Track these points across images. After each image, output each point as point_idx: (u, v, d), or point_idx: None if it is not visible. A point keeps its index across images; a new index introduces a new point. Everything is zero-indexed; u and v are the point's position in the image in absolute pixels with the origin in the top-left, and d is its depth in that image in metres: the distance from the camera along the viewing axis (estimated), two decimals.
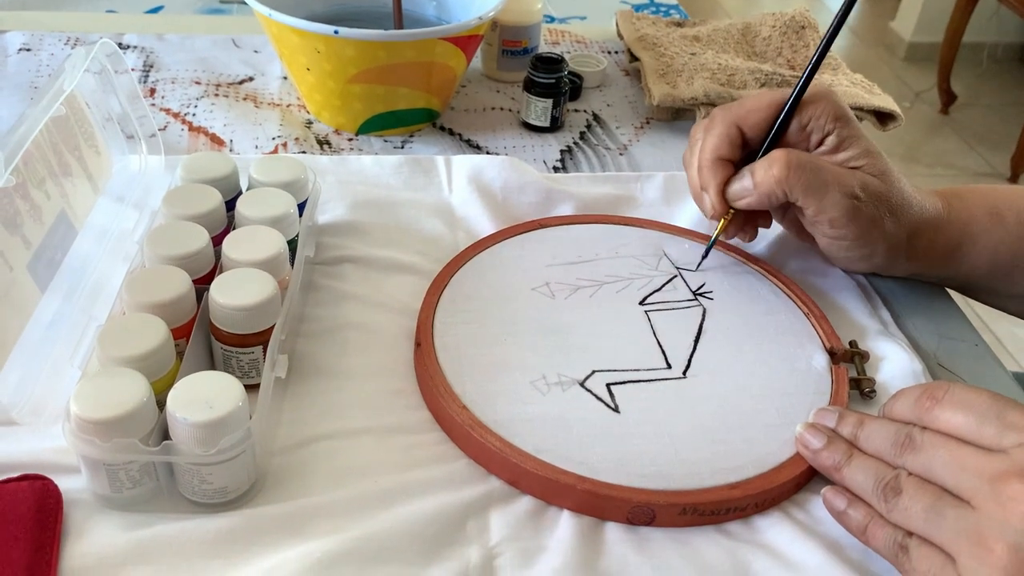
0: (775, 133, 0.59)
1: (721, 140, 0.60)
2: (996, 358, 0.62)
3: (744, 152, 0.61)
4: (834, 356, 0.57)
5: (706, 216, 0.62)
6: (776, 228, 0.69)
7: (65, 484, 0.46)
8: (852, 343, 0.59)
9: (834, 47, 0.91)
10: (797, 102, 0.59)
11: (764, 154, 0.59)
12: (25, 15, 0.93)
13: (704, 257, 0.64)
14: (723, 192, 0.60)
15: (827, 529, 0.48)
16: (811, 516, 0.49)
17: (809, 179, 0.57)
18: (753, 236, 0.64)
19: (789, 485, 0.50)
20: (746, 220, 0.63)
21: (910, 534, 0.43)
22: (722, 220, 0.61)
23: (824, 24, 0.95)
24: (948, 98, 2.97)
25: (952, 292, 0.68)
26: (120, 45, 0.88)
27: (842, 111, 0.59)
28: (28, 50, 0.86)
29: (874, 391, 0.56)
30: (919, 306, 0.65)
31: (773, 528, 0.48)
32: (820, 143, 0.60)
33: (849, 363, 0.58)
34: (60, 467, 0.47)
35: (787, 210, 0.64)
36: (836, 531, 0.48)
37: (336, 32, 0.68)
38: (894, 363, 0.58)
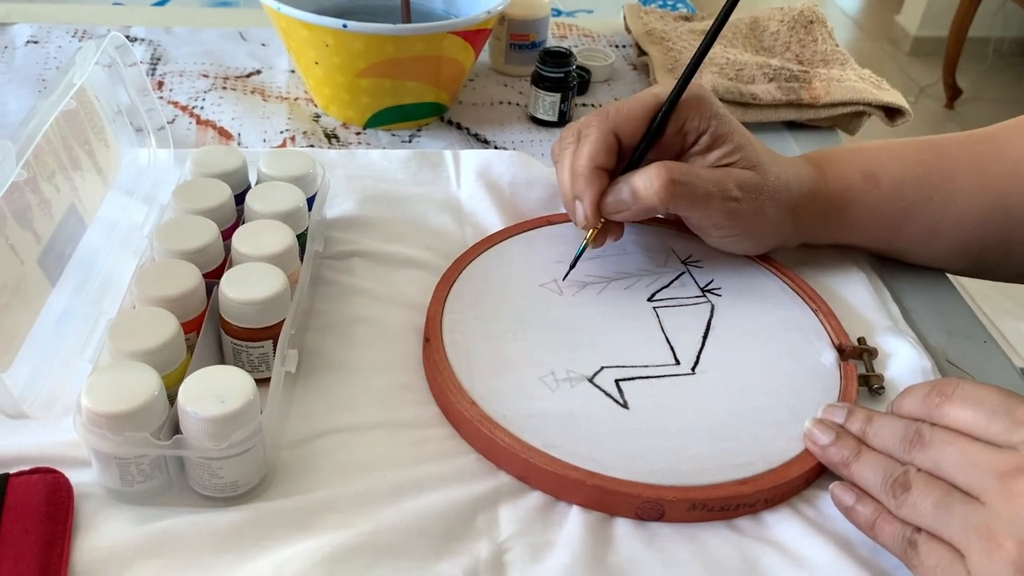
0: (650, 140, 0.58)
1: (598, 148, 0.57)
2: (1004, 355, 0.62)
3: (620, 160, 0.59)
4: (843, 352, 0.57)
5: (576, 225, 0.59)
6: None
7: (76, 478, 0.47)
8: (860, 339, 0.59)
9: (839, 41, 0.91)
10: (672, 108, 0.57)
11: (637, 158, 0.58)
12: (33, 7, 0.93)
13: (571, 268, 0.61)
14: (598, 204, 0.58)
15: (836, 525, 0.48)
16: (820, 512, 0.49)
17: (689, 191, 0.56)
18: (620, 235, 0.62)
19: (798, 481, 0.50)
20: (613, 225, 0.61)
21: (919, 530, 0.43)
22: (592, 230, 0.59)
23: (831, 20, 0.95)
24: (953, 93, 2.96)
25: (959, 288, 0.68)
26: (127, 38, 0.88)
27: (714, 109, 0.59)
28: (36, 42, 0.86)
29: (883, 388, 0.56)
30: (927, 302, 0.65)
31: (782, 524, 0.48)
32: (694, 143, 0.59)
33: (858, 360, 0.58)
34: (71, 460, 0.47)
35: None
36: (845, 527, 0.48)
37: (345, 26, 0.68)
38: (903, 360, 0.58)
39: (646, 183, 0.56)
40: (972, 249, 0.65)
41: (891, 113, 0.82)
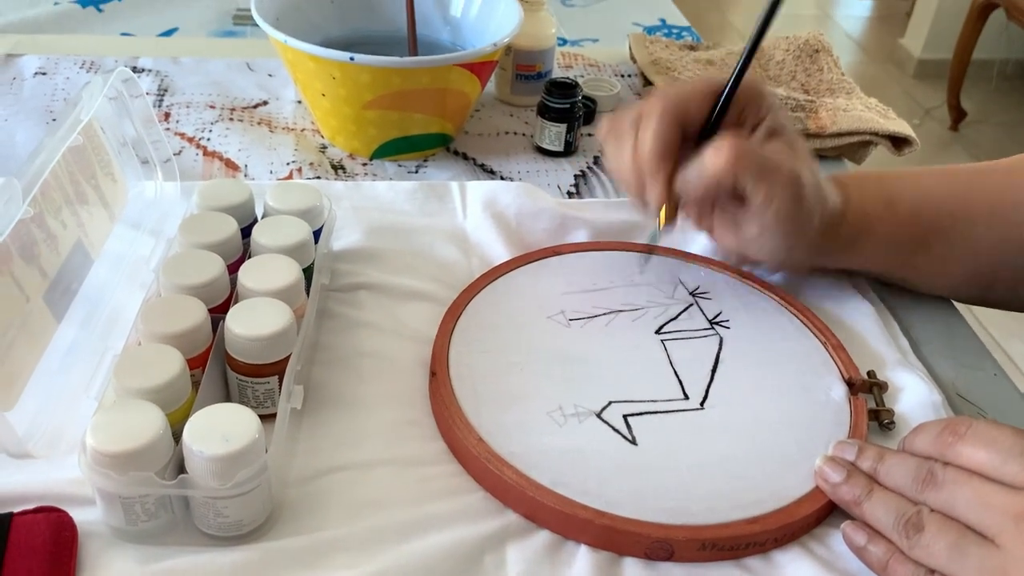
0: (715, 120, 0.59)
1: (665, 130, 0.57)
2: (1015, 387, 0.61)
3: (684, 144, 0.59)
4: (852, 387, 0.57)
5: (644, 208, 0.60)
6: None
7: (81, 516, 0.46)
8: (870, 373, 0.58)
9: (844, 65, 0.91)
10: (736, 87, 0.58)
11: (707, 135, 0.59)
12: (41, 39, 0.94)
13: (650, 253, 0.63)
14: (671, 180, 0.58)
15: (847, 565, 0.48)
16: (831, 551, 0.49)
17: (759, 164, 0.56)
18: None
19: (809, 519, 0.49)
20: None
21: (932, 571, 0.43)
22: (663, 210, 0.60)
23: (835, 44, 0.95)
24: (958, 115, 2.97)
25: (970, 317, 0.68)
26: (134, 69, 0.89)
27: (771, 101, 0.59)
28: (44, 74, 0.87)
29: (893, 423, 0.55)
30: (937, 334, 0.65)
31: (793, 563, 0.48)
32: (751, 132, 0.59)
33: (868, 394, 0.57)
34: (76, 499, 0.47)
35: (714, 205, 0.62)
36: (856, 567, 0.47)
37: (352, 59, 0.69)
38: (913, 394, 0.57)
39: (714, 154, 0.56)
40: (983, 280, 0.65)
41: (898, 143, 0.82)
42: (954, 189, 0.64)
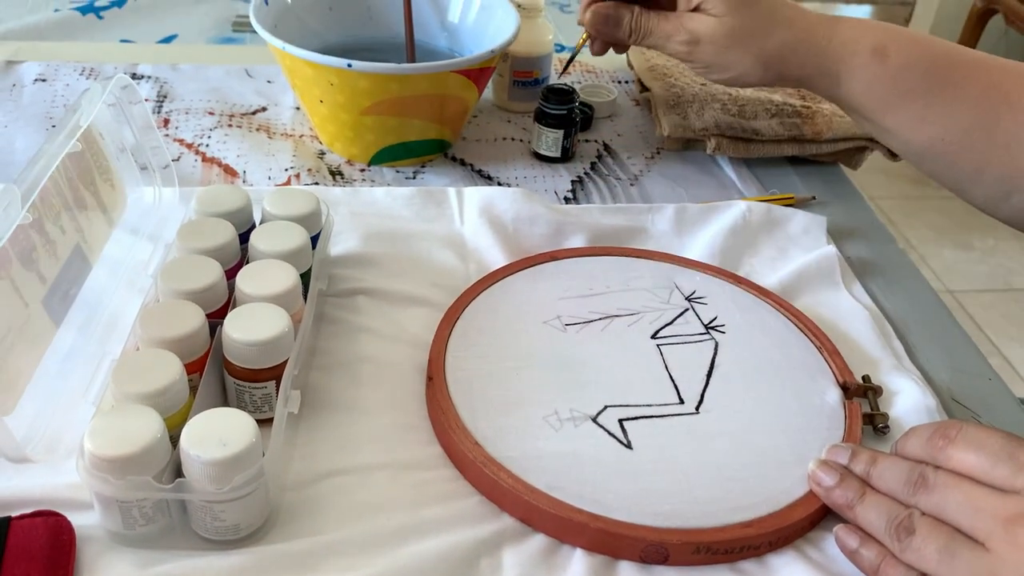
0: None
1: None
2: (1010, 392, 0.61)
3: None
4: (847, 391, 0.57)
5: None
6: (788, 259, 0.69)
7: (79, 520, 0.47)
8: (865, 377, 0.59)
9: None
10: None
11: None
12: (41, 46, 0.94)
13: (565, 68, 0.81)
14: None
15: (841, 568, 0.48)
16: (825, 555, 0.49)
17: (613, 25, 0.70)
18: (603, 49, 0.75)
19: (803, 523, 0.49)
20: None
21: (923, 575, 0.43)
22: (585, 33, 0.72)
23: None
24: None
25: (968, 320, 0.68)
26: (134, 75, 0.89)
27: None
28: (44, 80, 0.87)
29: (887, 427, 0.56)
30: (932, 338, 0.65)
31: (787, 567, 0.48)
32: None
33: (862, 398, 0.58)
34: (74, 503, 0.47)
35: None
36: (850, 570, 0.47)
37: (349, 65, 0.69)
38: (907, 398, 0.57)
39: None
40: (950, 150, 0.64)
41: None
42: (954, 63, 0.63)
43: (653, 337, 0.60)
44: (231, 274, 0.57)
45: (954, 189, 0.66)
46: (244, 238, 0.60)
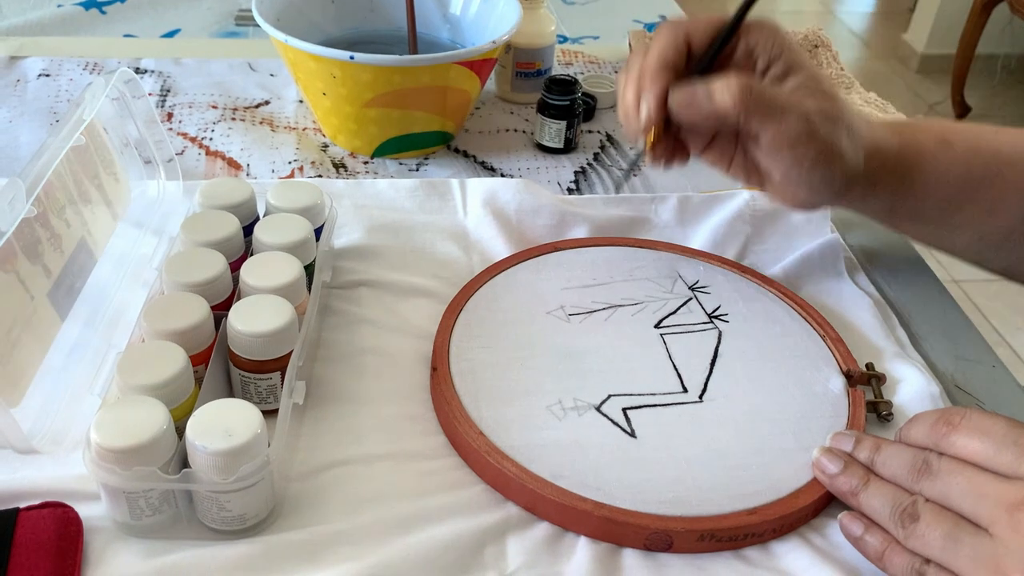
0: (720, 45, 0.57)
1: (668, 45, 0.56)
2: (1014, 379, 0.61)
3: (687, 67, 0.57)
4: (851, 379, 0.57)
5: (633, 127, 0.57)
6: (791, 248, 0.69)
7: (86, 511, 0.47)
8: (869, 365, 0.59)
9: (847, 60, 0.92)
10: (744, 14, 0.56)
11: (708, 62, 0.57)
12: (45, 41, 0.94)
13: (627, 176, 0.67)
14: (664, 99, 0.55)
15: (845, 554, 0.48)
16: (829, 541, 0.49)
17: (767, 100, 0.54)
18: (685, 160, 0.61)
19: (807, 510, 0.49)
20: (674, 146, 0.60)
21: (928, 561, 0.43)
22: (650, 134, 0.57)
23: (832, 39, 0.95)
24: (962, 110, 2.96)
25: (974, 308, 0.67)
26: (137, 70, 0.89)
27: (787, 40, 0.57)
28: (47, 76, 0.87)
29: (891, 414, 0.56)
30: (936, 326, 0.65)
31: (791, 554, 0.48)
32: (766, 70, 0.57)
33: (866, 386, 0.58)
34: (81, 494, 0.48)
35: (724, 142, 0.60)
36: (854, 556, 0.48)
37: (352, 58, 0.69)
38: (911, 385, 0.57)
39: (723, 85, 0.54)
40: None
41: None
42: (1013, 136, 0.62)
43: (656, 326, 0.60)
44: (235, 267, 0.57)
45: None
46: (248, 231, 0.61)
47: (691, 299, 0.63)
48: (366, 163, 0.78)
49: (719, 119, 0.55)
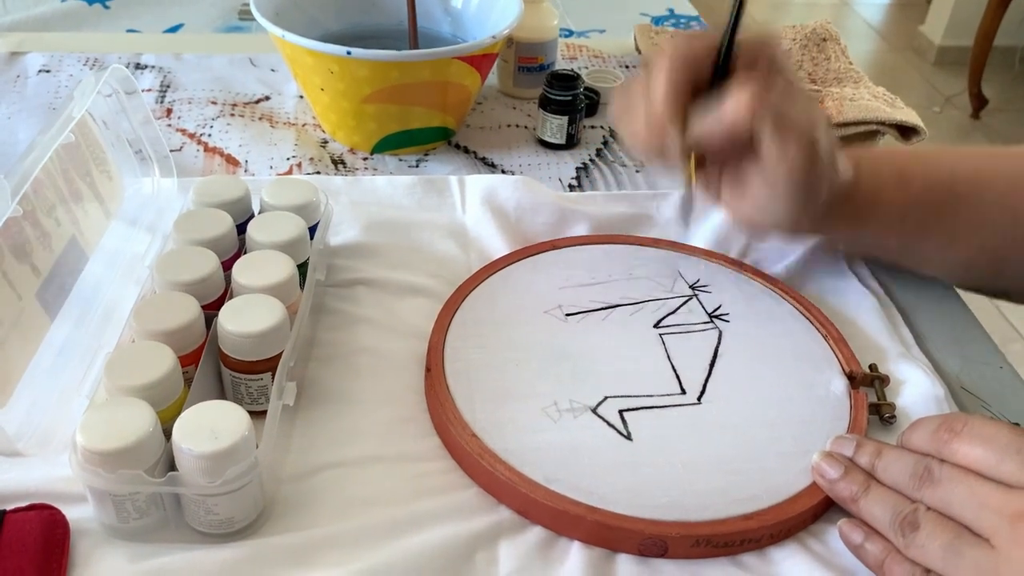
0: (720, 70, 0.55)
1: (679, 74, 0.54)
2: (1021, 381, 0.60)
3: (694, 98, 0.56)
4: (853, 380, 0.56)
5: (664, 161, 0.56)
6: (797, 246, 0.68)
7: (73, 513, 0.46)
8: (872, 366, 0.58)
9: (863, 52, 0.90)
10: (733, 36, 0.55)
11: (714, 84, 0.55)
12: (45, 36, 0.94)
13: (689, 212, 0.60)
14: (684, 129, 0.54)
15: (844, 561, 0.47)
16: (828, 548, 0.48)
17: (778, 115, 0.53)
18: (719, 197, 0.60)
19: (805, 516, 0.48)
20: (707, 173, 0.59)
21: (928, 571, 0.42)
22: (691, 158, 0.57)
23: (848, 32, 0.94)
24: (979, 102, 2.93)
25: (990, 309, 0.67)
26: (138, 65, 0.89)
27: (783, 61, 0.56)
28: (47, 71, 0.87)
29: (894, 417, 0.55)
30: (941, 327, 0.64)
31: (789, 560, 0.47)
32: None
33: (869, 387, 0.56)
34: (68, 496, 0.47)
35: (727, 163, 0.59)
36: (853, 563, 0.47)
37: (349, 53, 0.68)
38: (915, 387, 0.56)
39: (735, 98, 0.53)
40: (991, 263, 0.63)
41: (905, 132, 0.81)
42: (968, 167, 0.62)
43: (656, 326, 0.59)
44: (228, 265, 0.56)
45: (999, 294, 0.66)
46: (243, 229, 0.60)
47: (691, 298, 0.62)
48: (365, 159, 0.78)
49: (735, 132, 0.53)
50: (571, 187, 0.76)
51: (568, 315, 0.59)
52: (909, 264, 0.66)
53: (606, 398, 0.54)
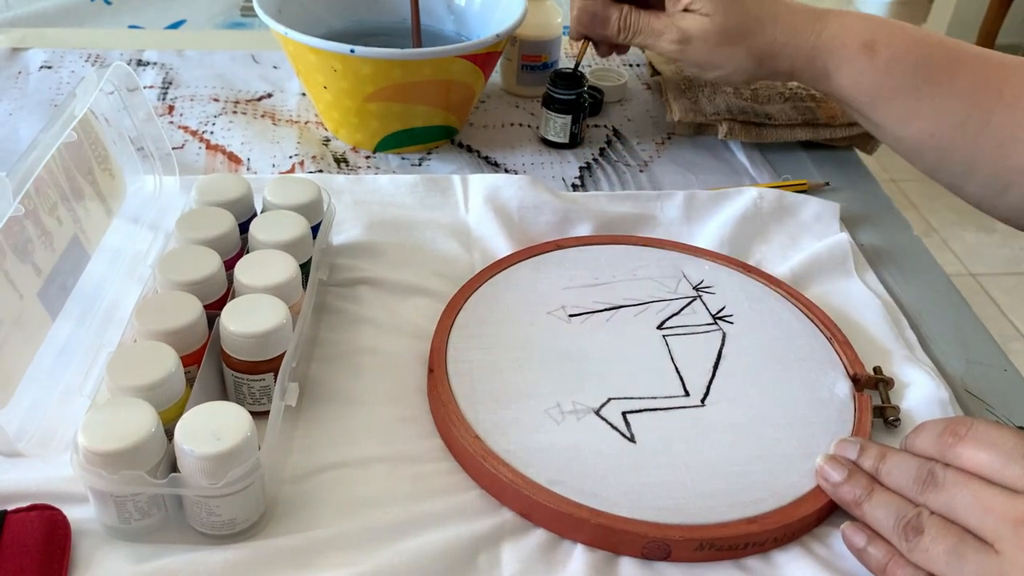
0: None
1: None
2: None
3: None
4: (857, 383, 0.56)
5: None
6: (799, 247, 0.68)
7: (74, 514, 0.46)
8: (876, 369, 0.57)
9: None
10: None
11: None
12: (47, 32, 0.94)
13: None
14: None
15: (848, 565, 0.47)
16: (831, 551, 0.48)
17: (601, 23, 0.71)
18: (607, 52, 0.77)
19: (809, 519, 0.48)
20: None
21: (931, 575, 0.42)
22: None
23: None
24: None
25: (983, 303, 0.67)
26: (140, 62, 0.89)
27: None
28: (49, 67, 0.87)
29: (898, 420, 0.54)
30: (946, 329, 0.63)
31: (792, 563, 0.47)
32: None
33: (873, 390, 0.56)
34: (70, 497, 0.47)
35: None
36: (857, 567, 0.46)
37: (352, 51, 0.68)
38: (920, 390, 0.56)
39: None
40: (940, 145, 0.63)
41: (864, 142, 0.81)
42: (945, 60, 0.63)
43: (659, 328, 0.59)
44: (231, 264, 0.56)
45: (947, 185, 0.66)
46: (245, 227, 0.60)
47: (695, 299, 0.61)
48: (368, 158, 0.77)
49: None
50: (574, 186, 0.76)
51: (571, 316, 0.59)
52: (872, 128, 0.68)
53: (609, 400, 0.53)
